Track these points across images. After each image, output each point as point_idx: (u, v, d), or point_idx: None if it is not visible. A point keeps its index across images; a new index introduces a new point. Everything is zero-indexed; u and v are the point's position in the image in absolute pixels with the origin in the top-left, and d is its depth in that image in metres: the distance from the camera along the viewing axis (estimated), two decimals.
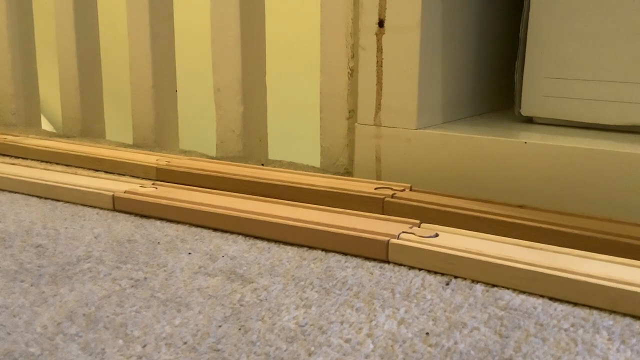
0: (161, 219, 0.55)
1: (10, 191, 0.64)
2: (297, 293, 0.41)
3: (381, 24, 0.63)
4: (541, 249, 0.44)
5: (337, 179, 0.62)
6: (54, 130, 1.27)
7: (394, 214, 0.54)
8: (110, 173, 0.71)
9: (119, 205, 0.58)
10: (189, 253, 0.48)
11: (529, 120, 0.68)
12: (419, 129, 0.63)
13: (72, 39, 0.93)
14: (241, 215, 0.52)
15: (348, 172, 0.72)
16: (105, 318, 0.38)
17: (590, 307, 0.38)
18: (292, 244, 0.49)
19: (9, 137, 0.84)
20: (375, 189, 0.57)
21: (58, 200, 0.61)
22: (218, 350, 0.34)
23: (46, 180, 0.63)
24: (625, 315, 0.37)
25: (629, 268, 0.40)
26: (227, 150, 0.81)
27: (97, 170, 0.72)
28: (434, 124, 0.66)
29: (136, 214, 0.57)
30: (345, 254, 0.47)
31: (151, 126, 0.87)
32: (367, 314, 0.38)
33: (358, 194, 0.56)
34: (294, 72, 1.26)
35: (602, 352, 0.34)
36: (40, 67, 1.04)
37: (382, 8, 0.63)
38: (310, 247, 0.48)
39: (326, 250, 0.48)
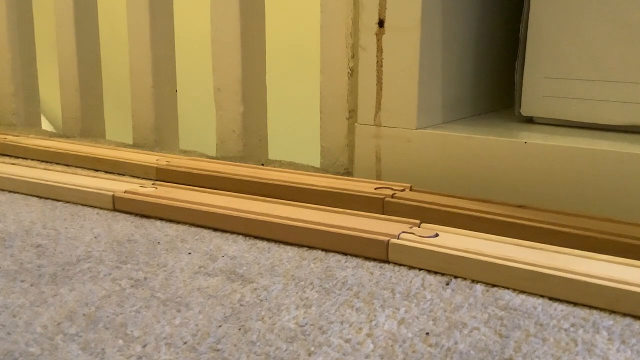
0: (161, 219, 0.55)
1: (10, 191, 0.64)
2: (297, 293, 0.41)
3: (381, 24, 0.63)
4: (541, 249, 0.44)
5: (337, 179, 0.62)
6: (54, 130, 1.27)
7: (394, 214, 0.54)
8: (110, 173, 0.71)
9: (119, 205, 0.58)
10: (189, 253, 0.48)
11: (529, 120, 0.68)
12: (419, 129, 0.63)
13: (72, 39, 0.93)
14: (241, 215, 0.52)
15: (348, 172, 0.72)
16: (105, 318, 0.38)
17: (590, 307, 0.38)
18: (292, 244, 0.49)
19: (9, 137, 0.84)
20: (375, 188, 0.57)
21: (58, 200, 0.61)
22: (218, 350, 0.34)
23: (46, 180, 0.63)
24: (625, 315, 0.37)
25: (629, 268, 0.40)
26: (227, 150, 0.81)
27: (97, 170, 0.72)
28: (434, 124, 0.66)
29: (136, 214, 0.57)
30: (345, 254, 0.47)
31: (151, 126, 0.87)
32: (367, 314, 0.38)
33: (358, 193, 0.56)
34: (294, 72, 1.26)
35: (602, 352, 0.34)
36: (40, 67, 1.04)
37: (382, 8, 0.63)
38: (310, 247, 0.48)
39: (326, 250, 0.48)
